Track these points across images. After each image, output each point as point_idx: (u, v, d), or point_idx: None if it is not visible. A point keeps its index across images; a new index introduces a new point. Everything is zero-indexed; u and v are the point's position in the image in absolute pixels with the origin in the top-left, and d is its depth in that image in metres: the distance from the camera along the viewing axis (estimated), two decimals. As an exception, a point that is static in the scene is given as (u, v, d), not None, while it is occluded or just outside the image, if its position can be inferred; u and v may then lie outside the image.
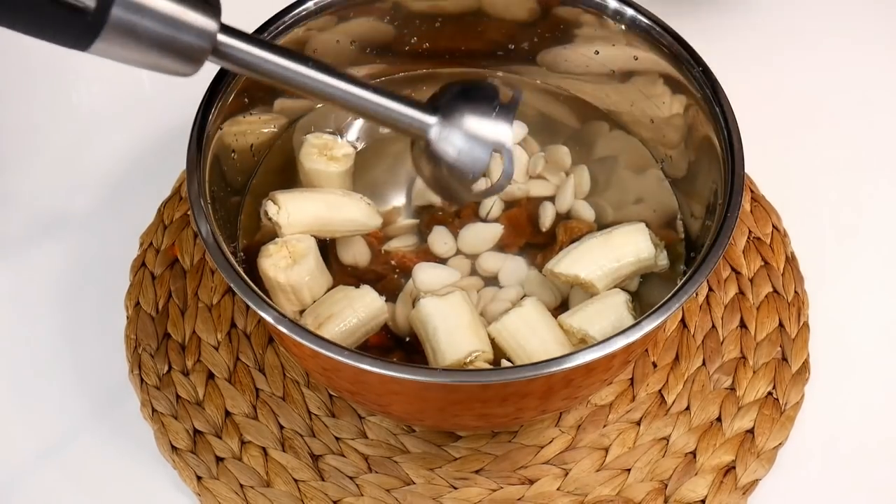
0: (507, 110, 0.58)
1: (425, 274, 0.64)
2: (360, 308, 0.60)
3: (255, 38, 0.53)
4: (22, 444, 0.66)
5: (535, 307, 0.60)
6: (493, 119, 0.58)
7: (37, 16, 0.46)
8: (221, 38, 0.52)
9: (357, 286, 0.62)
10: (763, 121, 0.75)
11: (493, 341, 0.60)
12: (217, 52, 0.52)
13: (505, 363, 0.59)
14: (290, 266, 0.60)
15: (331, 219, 0.63)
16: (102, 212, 0.76)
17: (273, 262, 0.60)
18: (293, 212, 0.61)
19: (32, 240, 0.75)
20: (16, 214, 0.76)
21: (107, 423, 0.66)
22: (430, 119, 0.57)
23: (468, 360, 0.58)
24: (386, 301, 0.62)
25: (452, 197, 0.62)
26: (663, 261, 0.63)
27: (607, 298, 0.60)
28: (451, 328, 0.59)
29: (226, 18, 0.55)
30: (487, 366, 0.58)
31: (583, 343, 0.59)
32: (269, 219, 0.62)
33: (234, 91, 0.61)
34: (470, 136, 0.57)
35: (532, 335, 0.59)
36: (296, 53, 0.55)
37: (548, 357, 0.52)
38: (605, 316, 0.59)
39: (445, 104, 0.58)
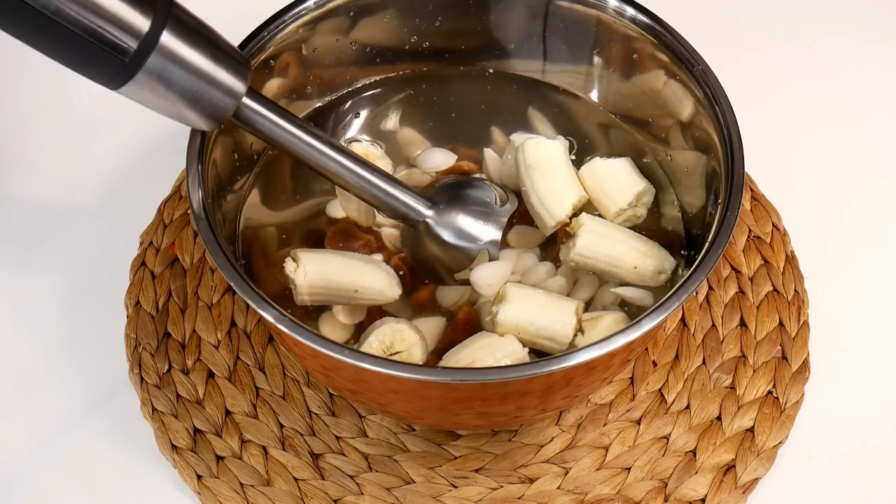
0: (500, 216, 0.63)
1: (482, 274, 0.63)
2: (503, 358, 0.58)
3: (277, 106, 0.56)
4: (22, 442, 0.66)
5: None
6: (485, 222, 0.63)
7: (77, 51, 0.47)
8: (246, 100, 0.54)
9: None
10: (763, 119, 0.75)
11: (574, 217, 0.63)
12: (238, 113, 0.54)
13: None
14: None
15: (348, 284, 0.60)
16: (102, 211, 0.76)
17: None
18: (311, 272, 0.60)
19: (33, 239, 0.75)
20: (16, 214, 0.76)
21: (107, 422, 0.66)
22: (427, 211, 0.61)
23: (580, 317, 0.59)
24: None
25: (435, 279, 0.63)
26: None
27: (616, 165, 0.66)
28: (540, 309, 0.59)
29: (227, 17, 0.55)
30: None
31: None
32: (286, 275, 0.61)
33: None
34: (461, 233, 0.62)
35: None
36: (313, 129, 0.57)
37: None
38: (622, 178, 0.65)
39: (444, 200, 0.62)
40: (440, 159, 0.68)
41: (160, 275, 0.71)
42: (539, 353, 0.59)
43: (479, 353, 0.58)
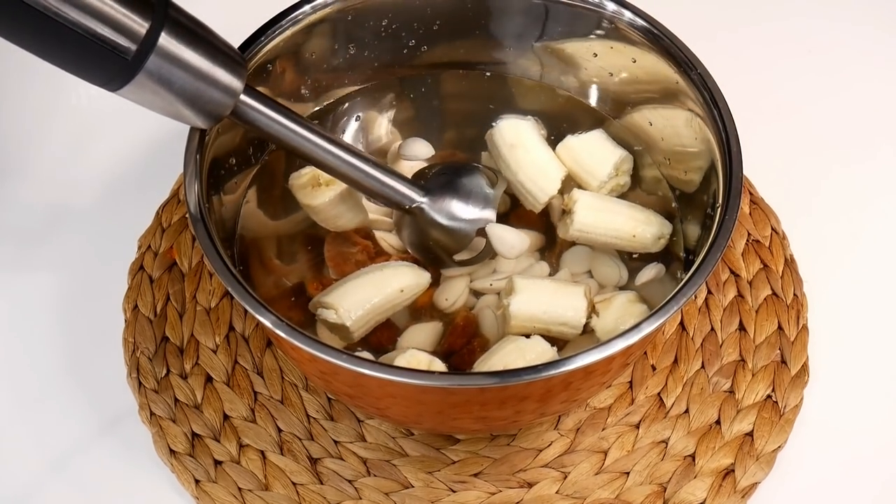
0: (492, 196, 0.65)
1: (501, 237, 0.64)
2: (533, 359, 0.58)
3: (273, 101, 0.57)
4: (19, 446, 0.66)
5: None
6: (477, 202, 0.64)
7: (78, 53, 0.48)
8: (244, 97, 0.55)
9: None
10: (762, 123, 0.75)
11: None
12: (236, 110, 0.55)
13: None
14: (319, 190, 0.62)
15: (389, 293, 0.61)
16: (100, 214, 0.76)
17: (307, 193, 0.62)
18: (351, 307, 0.60)
19: (31, 242, 0.75)
20: (14, 216, 0.76)
21: (105, 426, 0.66)
22: (421, 198, 0.63)
23: (591, 302, 0.61)
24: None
25: (433, 262, 0.64)
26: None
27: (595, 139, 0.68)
28: (550, 297, 0.60)
29: (224, 22, 0.55)
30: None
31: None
32: (333, 325, 0.60)
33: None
34: (455, 215, 0.63)
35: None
36: (309, 123, 0.58)
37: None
38: (597, 151, 0.66)
39: (436, 185, 0.64)
40: (419, 149, 0.69)
41: (158, 279, 0.71)
42: (553, 341, 0.60)
43: (510, 357, 0.58)
